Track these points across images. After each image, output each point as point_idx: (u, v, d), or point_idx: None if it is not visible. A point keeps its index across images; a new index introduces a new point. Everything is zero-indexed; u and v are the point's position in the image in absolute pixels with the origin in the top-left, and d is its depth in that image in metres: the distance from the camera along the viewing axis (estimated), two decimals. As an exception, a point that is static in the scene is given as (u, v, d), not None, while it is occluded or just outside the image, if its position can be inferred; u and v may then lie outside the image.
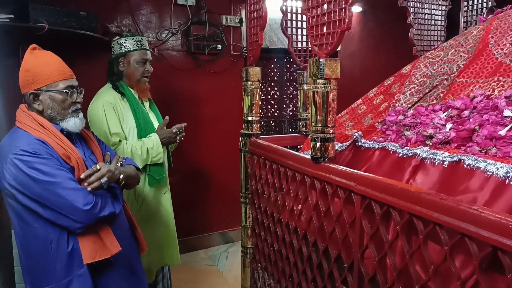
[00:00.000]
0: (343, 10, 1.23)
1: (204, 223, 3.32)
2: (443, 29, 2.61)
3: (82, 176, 1.29)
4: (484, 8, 2.52)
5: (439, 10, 2.59)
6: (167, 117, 2.14)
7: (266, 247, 1.91)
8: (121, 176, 1.43)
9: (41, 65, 1.37)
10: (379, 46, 3.89)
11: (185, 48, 3.07)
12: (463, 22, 2.63)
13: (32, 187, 1.27)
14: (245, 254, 2.18)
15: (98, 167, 1.33)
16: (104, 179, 1.33)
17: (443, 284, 0.98)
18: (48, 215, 1.30)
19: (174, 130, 2.11)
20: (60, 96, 1.38)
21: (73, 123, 1.42)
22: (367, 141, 1.51)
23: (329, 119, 1.34)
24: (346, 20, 1.23)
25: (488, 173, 1.06)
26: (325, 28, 1.33)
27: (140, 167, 1.97)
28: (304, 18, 2.15)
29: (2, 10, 1.91)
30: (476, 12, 2.58)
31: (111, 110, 1.98)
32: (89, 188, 1.29)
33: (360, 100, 1.85)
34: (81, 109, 1.47)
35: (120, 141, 2.00)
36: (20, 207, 1.32)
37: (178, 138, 2.14)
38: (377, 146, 1.45)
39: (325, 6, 1.31)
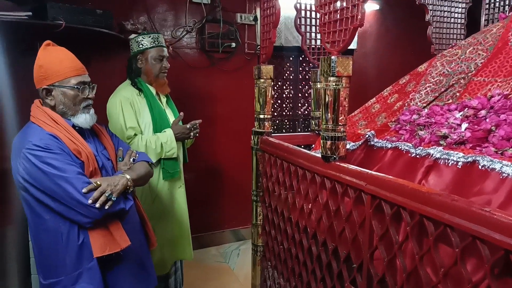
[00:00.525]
0: (356, 6, 1.22)
1: (217, 221, 3.33)
2: (463, 27, 2.54)
3: (84, 191, 1.30)
4: (507, 6, 2.44)
5: (459, 7, 2.52)
6: (181, 113, 2.19)
7: (276, 246, 1.90)
8: (129, 182, 1.44)
9: (54, 61, 1.39)
10: (396, 44, 3.82)
11: (199, 46, 3.09)
12: (484, 20, 2.55)
13: (43, 181, 1.29)
14: (255, 252, 2.17)
15: (98, 182, 1.34)
16: (108, 192, 1.34)
17: (455, 287, 0.95)
18: (58, 208, 1.33)
19: (188, 126, 2.14)
20: (71, 92, 1.40)
21: (83, 119, 1.44)
22: (380, 141, 1.49)
23: (340, 117, 1.32)
24: (359, 17, 1.21)
25: (504, 174, 1.02)
26: (337, 25, 1.31)
27: (154, 161, 2.01)
28: (318, 15, 2.13)
29: (21, 8, 1.96)
30: (498, 10, 2.50)
31: (128, 105, 2.04)
32: (97, 205, 1.31)
33: (374, 99, 1.82)
34: (92, 104, 1.48)
35: (135, 135, 2.05)
36: (32, 200, 1.35)
37: (192, 134, 2.17)
38: (389, 145, 1.42)
39: (338, 3, 1.30)
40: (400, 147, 1.36)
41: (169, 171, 2.13)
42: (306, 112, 3.84)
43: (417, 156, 1.28)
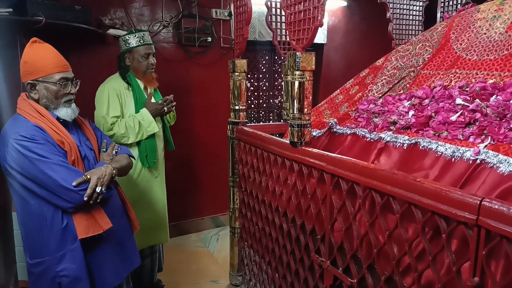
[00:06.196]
0: (316, 8, 1.38)
1: (196, 208, 3.47)
2: (420, 23, 2.75)
3: (74, 184, 1.40)
4: (459, 5, 2.66)
5: (417, 5, 2.73)
6: (151, 91, 2.28)
7: (251, 226, 2.06)
8: (114, 171, 1.55)
9: (39, 58, 1.49)
10: (363, 39, 4.02)
11: (176, 40, 3.18)
12: (440, 17, 2.77)
13: (30, 169, 1.40)
14: (233, 234, 2.34)
15: (88, 176, 1.45)
16: (99, 188, 1.46)
17: (398, 246, 1.14)
18: (43, 194, 1.44)
19: (160, 102, 2.25)
20: (54, 87, 1.50)
21: (64, 112, 1.54)
22: (341, 128, 1.66)
23: (305, 107, 1.49)
24: (319, 17, 1.37)
25: (438, 153, 1.22)
26: (301, 24, 1.47)
27: (136, 140, 2.14)
28: (288, 13, 2.28)
29: (2, 4, 2.01)
30: (452, 8, 2.72)
31: (114, 96, 2.16)
32: (85, 198, 1.42)
33: (338, 90, 2.00)
34: (74, 99, 1.58)
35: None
36: (19, 186, 1.46)
37: (166, 108, 2.27)
38: (349, 131, 1.60)
39: (301, 5, 1.45)
40: (357, 133, 1.55)
41: (149, 160, 2.22)
42: (280, 103, 4.01)
43: (371, 140, 1.47)
